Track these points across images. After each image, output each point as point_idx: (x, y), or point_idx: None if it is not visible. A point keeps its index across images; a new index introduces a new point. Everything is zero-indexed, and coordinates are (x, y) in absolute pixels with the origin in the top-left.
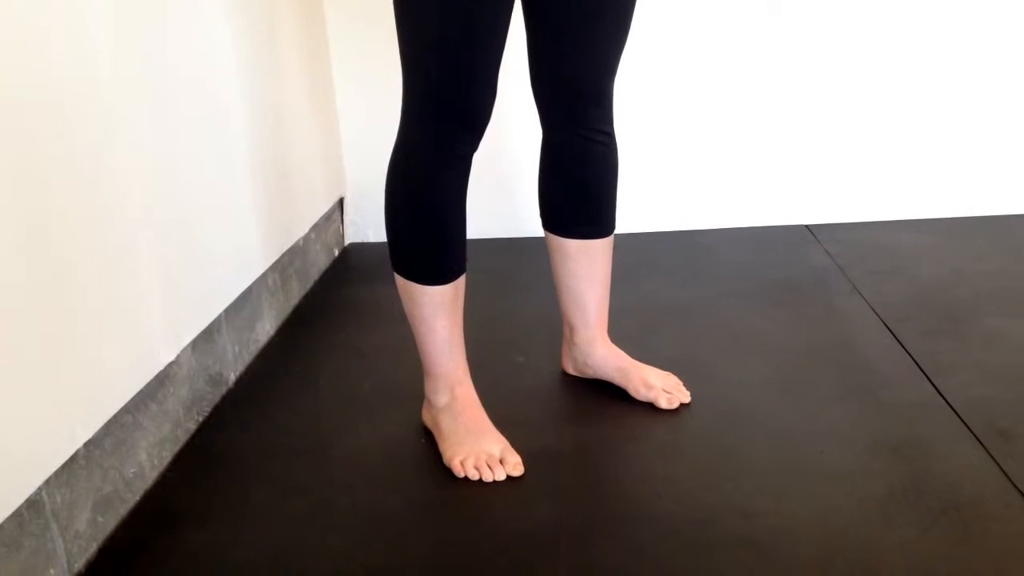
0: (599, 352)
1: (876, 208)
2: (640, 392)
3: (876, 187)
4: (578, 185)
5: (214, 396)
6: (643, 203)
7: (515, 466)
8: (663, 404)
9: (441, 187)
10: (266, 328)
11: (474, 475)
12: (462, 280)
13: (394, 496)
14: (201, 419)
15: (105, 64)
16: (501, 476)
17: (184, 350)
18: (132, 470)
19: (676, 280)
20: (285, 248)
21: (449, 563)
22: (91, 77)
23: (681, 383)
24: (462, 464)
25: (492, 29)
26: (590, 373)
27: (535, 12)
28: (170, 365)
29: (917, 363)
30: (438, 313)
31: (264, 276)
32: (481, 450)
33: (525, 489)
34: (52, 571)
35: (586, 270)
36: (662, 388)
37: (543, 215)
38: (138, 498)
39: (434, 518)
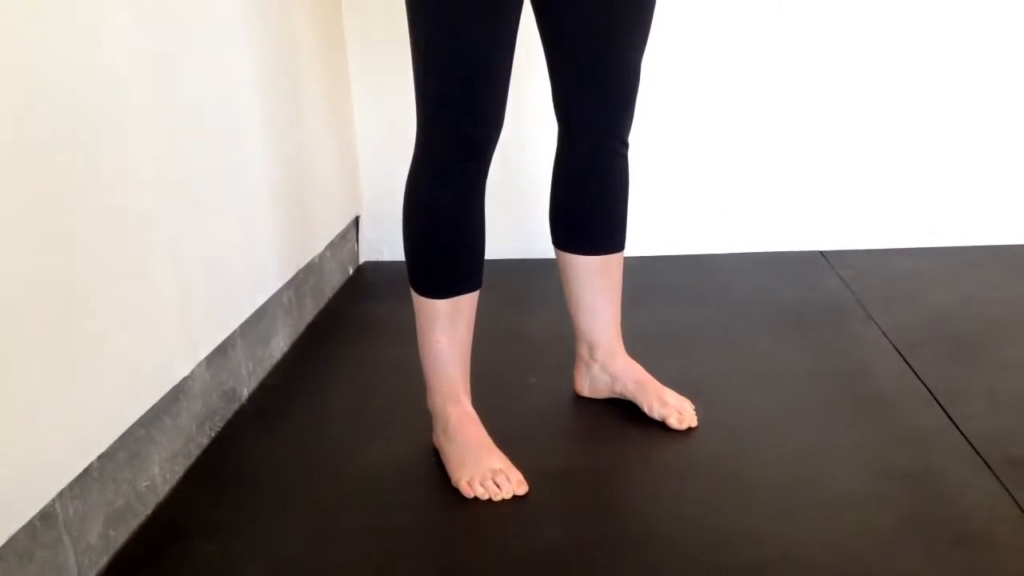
0: (620, 364)
1: (890, 235)
2: (654, 408)
3: (890, 214)
4: (605, 198)
5: (227, 411)
6: (656, 226)
7: (519, 484)
8: (673, 423)
9: (438, 204)
10: (280, 345)
11: (483, 494)
12: (466, 299)
13: (404, 513)
14: (214, 434)
15: (125, 80)
16: (509, 493)
17: (199, 365)
18: (145, 483)
19: (688, 304)
20: (300, 266)
21: None
22: (112, 92)
23: (693, 408)
24: (469, 484)
25: (495, 53)
26: (606, 390)
27: (558, 26)
28: (184, 380)
29: (930, 390)
30: (433, 326)
31: (279, 293)
32: (486, 467)
33: (535, 509)
34: None
35: (608, 284)
36: (675, 407)
37: (559, 234)
38: (150, 512)
39: (444, 536)
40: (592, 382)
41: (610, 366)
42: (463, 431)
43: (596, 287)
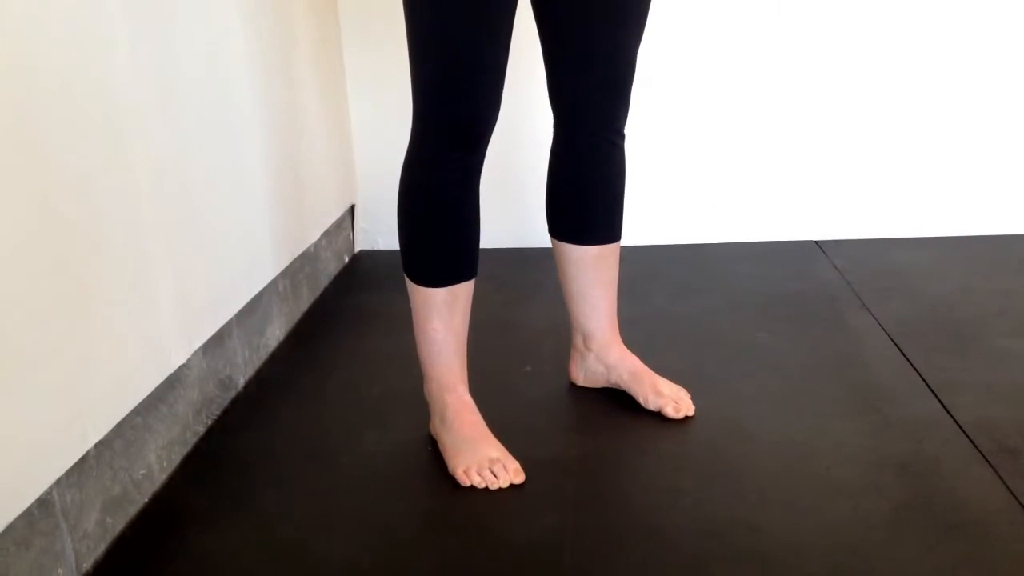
0: (615, 355)
1: (885, 225)
2: (649, 399)
3: (885, 204)
4: (602, 188)
5: (223, 400)
6: (652, 216)
7: (515, 472)
8: (670, 412)
9: (433, 193)
10: (276, 333)
11: (479, 483)
12: (462, 288)
13: (400, 502)
14: (210, 422)
15: (121, 70)
16: (505, 482)
17: (195, 354)
18: (141, 471)
19: (684, 293)
20: (296, 254)
21: (454, 570)
22: (107, 82)
23: (689, 397)
24: (466, 473)
25: (491, 44)
26: (601, 380)
27: (555, 16)
28: (181, 368)
29: (924, 380)
30: (430, 315)
31: (275, 282)
32: (483, 456)
33: (530, 498)
34: (60, 571)
35: (604, 275)
36: (671, 397)
37: (556, 224)
38: (146, 500)
39: (440, 525)
40: (587, 372)
41: (605, 356)
42: (460, 420)
43: (592, 277)
